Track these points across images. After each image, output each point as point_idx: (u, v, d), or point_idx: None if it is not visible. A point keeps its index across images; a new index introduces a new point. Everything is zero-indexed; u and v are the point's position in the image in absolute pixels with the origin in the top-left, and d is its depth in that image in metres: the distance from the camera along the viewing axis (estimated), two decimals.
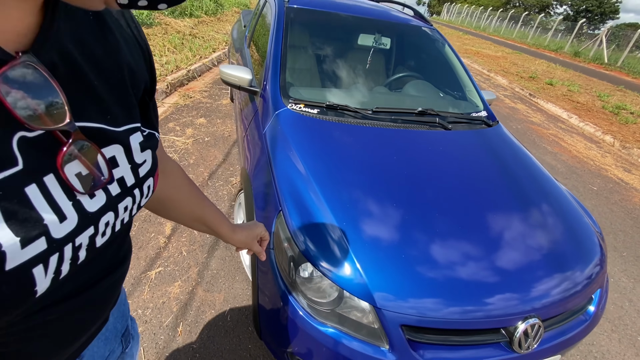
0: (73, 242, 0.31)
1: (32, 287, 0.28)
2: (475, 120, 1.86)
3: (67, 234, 0.30)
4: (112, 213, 0.36)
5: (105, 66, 0.34)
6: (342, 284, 1.01)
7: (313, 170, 1.27)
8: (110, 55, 0.35)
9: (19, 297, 0.28)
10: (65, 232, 0.30)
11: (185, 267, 1.77)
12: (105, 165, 0.33)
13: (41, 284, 0.29)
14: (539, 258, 1.19)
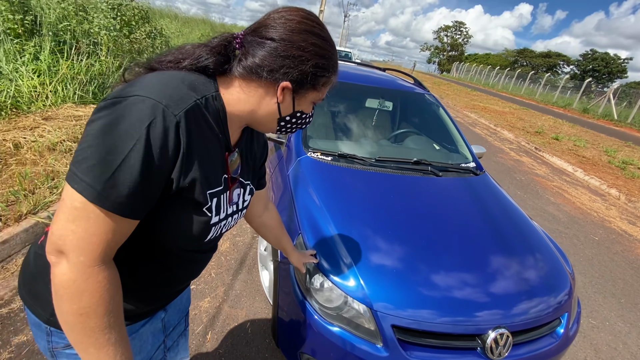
0: (221, 223, 0.70)
1: (207, 233, 0.66)
2: (463, 169, 2.21)
3: (221, 219, 0.69)
4: (232, 218, 0.75)
5: (254, 153, 0.80)
6: (347, 291, 1.30)
7: (326, 203, 1.62)
8: (254, 148, 0.81)
9: (204, 235, 0.66)
10: (221, 218, 0.69)
11: (214, 286, 2.06)
12: (240, 195, 0.76)
13: (210, 234, 0.68)
14: (510, 283, 1.45)
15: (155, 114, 0.50)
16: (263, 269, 2.11)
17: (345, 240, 1.45)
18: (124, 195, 0.49)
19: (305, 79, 0.63)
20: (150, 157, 0.50)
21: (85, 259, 0.50)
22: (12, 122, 3.41)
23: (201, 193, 0.60)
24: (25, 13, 4.33)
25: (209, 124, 0.59)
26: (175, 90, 0.54)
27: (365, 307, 1.28)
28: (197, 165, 0.57)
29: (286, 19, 0.62)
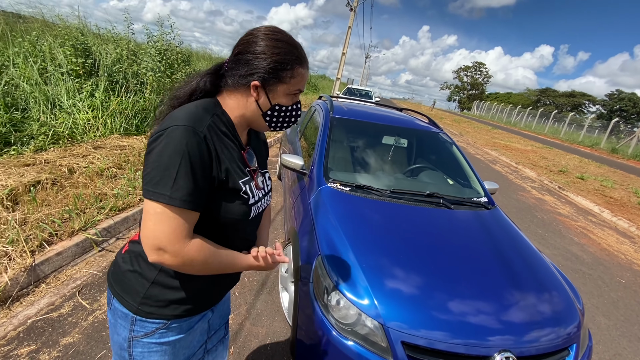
0: (257, 204, 0.91)
1: (249, 213, 0.88)
2: (475, 203, 2.33)
3: (256, 200, 0.90)
4: (264, 199, 0.96)
5: (261, 148, 1.03)
6: (361, 308, 1.43)
7: (344, 229, 1.79)
8: (260, 144, 1.03)
9: (248, 214, 0.87)
10: (256, 200, 0.90)
11: (237, 304, 2.21)
12: (264, 181, 0.98)
13: (252, 213, 0.89)
14: (517, 311, 1.53)
15: (189, 134, 0.71)
16: (283, 290, 2.25)
17: (361, 262, 1.60)
18: (186, 194, 0.70)
19: (269, 75, 0.79)
20: (195, 163, 0.71)
21: (179, 245, 0.71)
22: (68, 149, 3.87)
23: (236, 182, 0.81)
24: (87, 57, 5.01)
25: (224, 132, 0.81)
26: (196, 115, 0.75)
27: (378, 323, 1.40)
28: (226, 163, 0.79)
29: (248, 34, 0.81)
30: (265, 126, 0.88)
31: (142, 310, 0.83)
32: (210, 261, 0.77)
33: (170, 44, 6.36)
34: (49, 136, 3.86)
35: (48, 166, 3.40)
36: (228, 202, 0.81)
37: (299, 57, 0.82)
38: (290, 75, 0.81)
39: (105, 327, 1.87)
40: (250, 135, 0.96)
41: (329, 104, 3.06)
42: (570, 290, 1.80)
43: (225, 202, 0.81)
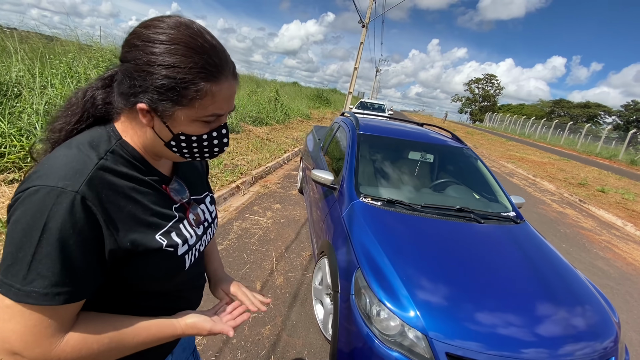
0: (194, 247, 0.71)
1: (183, 264, 0.67)
2: (504, 217, 2.37)
3: (193, 243, 0.70)
4: (207, 233, 0.79)
5: (196, 170, 0.83)
6: (404, 319, 1.49)
7: (381, 242, 1.86)
8: (194, 165, 0.83)
9: (181, 267, 0.67)
10: (192, 242, 0.70)
11: (272, 316, 2.28)
12: (204, 210, 0.79)
13: (187, 262, 0.69)
14: (554, 325, 1.57)
15: (54, 200, 0.49)
16: (317, 302, 2.31)
17: (401, 274, 1.66)
18: (49, 285, 0.49)
19: (159, 96, 0.54)
20: (65, 241, 0.49)
21: (41, 348, 0.50)
22: None
23: (150, 241, 0.60)
24: None
25: (125, 175, 0.58)
26: (70, 164, 0.52)
27: (421, 334, 1.46)
28: (129, 222, 0.57)
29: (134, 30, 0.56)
30: (177, 157, 0.65)
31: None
32: (108, 348, 0.56)
33: None
34: None
35: None
36: (147, 265, 0.61)
37: (207, 68, 0.55)
38: (194, 96, 0.55)
39: None
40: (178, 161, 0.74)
41: (355, 121, 3.17)
42: (605, 303, 1.82)
43: (145, 268, 0.61)
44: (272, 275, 2.75)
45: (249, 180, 4.85)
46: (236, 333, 2.07)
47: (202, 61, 0.54)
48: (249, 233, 3.41)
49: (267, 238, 3.37)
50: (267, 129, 9.14)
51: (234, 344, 1.99)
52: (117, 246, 0.55)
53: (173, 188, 0.70)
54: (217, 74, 0.56)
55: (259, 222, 3.69)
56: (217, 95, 0.57)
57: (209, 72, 0.55)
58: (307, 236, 3.57)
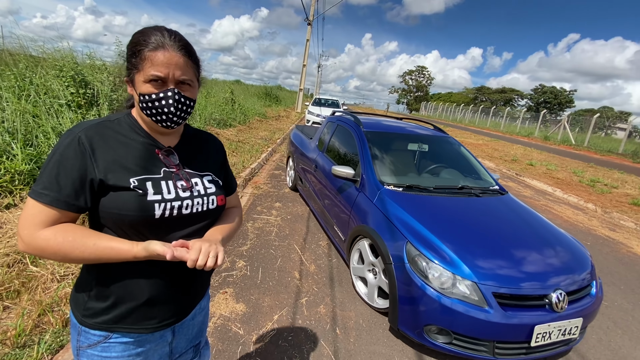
0: (170, 202, 0.83)
1: (150, 209, 0.80)
2: (492, 191, 2.95)
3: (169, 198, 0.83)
4: (192, 201, 0.88)
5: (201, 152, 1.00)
6: (456, 273, 1.92)
7: (416, 217, 2.27)
8: (202, 149, 1.01)
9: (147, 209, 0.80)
10: (168, 198, 0.83)
11: (321, 297, 2.58)
12: (198, 182, 0.92)
13: (157, 210, 0.81)
14: (558, 260, 2.13)
15: (64, 137, 0.78)
16: (357, 279, 2.66)
17: (442, 240, 2.09)
18: (42, 188, 0.74)
19: (128, 66, 0.82)
20: (59, 162, 0.75)
21: (27, 231, 0.74)
22: None
23: (124, 180, 0.79)
24: (86, 87, 4.99)
25: (120, 133, 0.83)
26: (88, 121, 0.82)
27: (471, 282, 1.90)
28: (110, 162, 0.79)
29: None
30: (152, 122, 0.84)
31: (84, 321, 0.85)
32: (67, 251, 0.74)
33: None
34: None
35: None
36: (115, 199, 0.79)
37: (144, 41, 0.79)
38: (139, 61, 0.79)
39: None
40: (186, 140, 0.97)
41: (356, 120, 3.54)
42: (580, 245, 2.45)
43: (113, 199, 0.79)
44: (304, 265, 3.02)
45: (241, 183, 4.96)
46: (299, 316, 2.33)
47: (146, 37, 0.79)
48: (265, 231, 3.61)
49: (284, 234, 3.61)
50: (233, 131, 9.09)
51: (301, 324, 2.25)
52: (95, 176, 0.77)
53: (164, 154, 0.88)
54: (154, 44, 0.78)
55: (269, 221, 3.90)
56: (153, 60, 0.78)
57: (148, 43, 0.78)
58: (317, 228, 3.88)
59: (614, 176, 10.08)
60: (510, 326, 1.84)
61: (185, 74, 0.82)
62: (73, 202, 0.76)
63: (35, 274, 2.18)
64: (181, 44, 0.82)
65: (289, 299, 2.51)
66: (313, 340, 2.14)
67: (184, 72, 0.82)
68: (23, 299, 1.98)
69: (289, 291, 2.61)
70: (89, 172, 0.77)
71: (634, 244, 4.95)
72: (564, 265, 2.13)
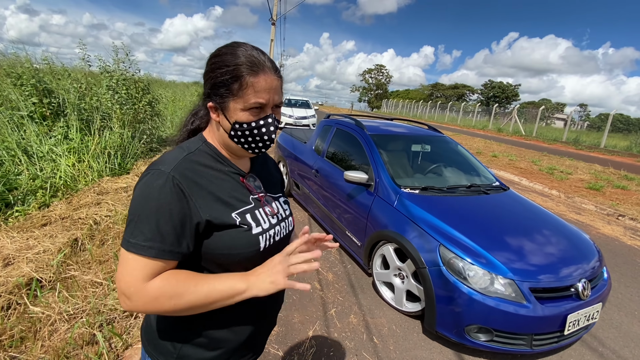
0: (268, 232, 0.82)
1: (257, 243, 0.78)
2: (496, 187, 3.10)
3: (266, 228, 0.81)
4: (281, 226, 0.88)
5: (270, 173, 0.97)
6: (493, 272, 1.98)
7: (442, 219, 2.31)
8: (268, 169, 0.98)
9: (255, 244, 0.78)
10: (266, 227, 0.81)
11: (348, 306, 2.54)
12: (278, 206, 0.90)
13: (262, 243, 0.79)
14: (577, 252, 2.28)
15: (154, 177, 0.69)
16: (382, 284, 2.66)
17: (473, 240, 2.15)
18: (144, 239, 0.66)
19: (216, 92, 0.74)
20: (158, 208, 0.66)
21: (134, 287, 0.66)
22: (73, 201, 3.53)
23: (225, 215, 0.74)
24: (50, 96, 4.49)
25: (208, 165, 0.77)
26: (170, 156, 0.73)
27: (508, 279, 1.97)
28: (210, 199, 0.73)
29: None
30: (241, 150, 0.80)
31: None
32: (182, 292, 0.68)
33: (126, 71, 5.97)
34: (47, 189, 3.46)
35: (68, 222, 3.12)
36: (225, 238, 0.74)
37: (247, 65, 0.72)
38: (240, 87, 0.71)
39: None
40: (256, 162, 0.92)
41: (358, 124, 3.53)
42: (584, 234, 2.65)
43: (222, 239, 0.74)
44: (321, 274, 2.96)
45: None
46: (332, 329, 2.28)
47: (244, 60, 0.72)
48: None
49: None
50: None
51: (337, 337, 2.20)
52: (200, 217, 0.70)
53: (250, 181, 0.85)
54: (255, 68, 0.72)
55: None
56: (256, 86, 0.72)
57: (249, 67, 0.71)
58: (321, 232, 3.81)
59: (566, 163, 11.09)
60: (547, 318, 1.94)
61: (280, 97, 0.78)
62: (177, 250, 0.69)
63: (38, 316, 1.92)
64: (273, 64, 0.77)
65: (317, 312, 2.44)
66: (355, 352, 2.10)
67: (280, 95, 0.78)
68: (33, 346, 1.73)
69: (315, 303, 2.54)
70: (193, 215, 0.70)
71: (599, 225, 5.48)
72: (582, 254, 2.28)
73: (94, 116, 4.91)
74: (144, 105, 6.10)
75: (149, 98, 6.26)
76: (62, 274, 2.31)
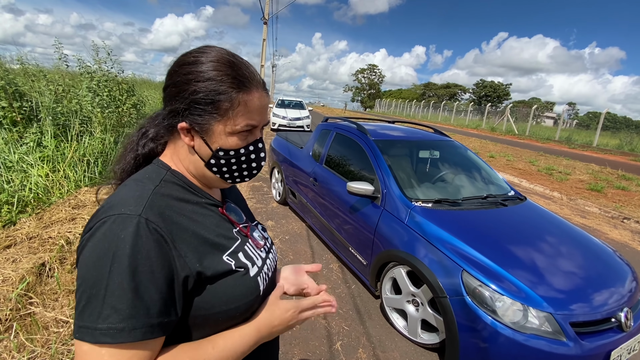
0: (263, 270, 0.67)
1: (258, 287, 0.64)
2: (512, 197, 2.83)
3: (260, 265, 0.67)
4: (270, 258, 0.74)
5: (239, 198, 0.82)
6: (528, 304, 1.70)
7: (463, 240, 2.03)
8: (236, 193, 0.82)
9: (256, 289, 0.63)
10: (260, 264, 0.67)
11: (355, 337, 2.25)
12: (261, 235, 0.76)
13: (261, 286, 0.65)
14: (616, 277, 2.01)
15: (120, 225, 0.48)
16: (392, 311, 2.37)
17: (502, 265, 1.87)
18: (123, 319, 0.46)
19: (195, 111, 0.57)
20: (135, 268, 0.47)
21: None
22: (44, 217, 3.17)
23: (220, 262, 0.58)
24: (22, 99, 4.10)
25: (181, 199, 0.59)
26: (130, 193, 0.54)
27: (546, 313, 1.69)
28: (196, 243, 0.56)
29: (174, 62, 0.61)
30: (219, 180, 0.65)
31: None
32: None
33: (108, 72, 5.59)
34: (14, 205, 3.09)
35: (36, 242, 2.76)
36: (220, 290, 0.58)
37: (238, 79, 0.58)
38: (228, 107, 0.57)
39: None
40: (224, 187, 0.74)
41: (360, 128, 3.24)
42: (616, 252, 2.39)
43: (216, 292, 0.57)
44: None
45: None
46: None
47: (234, 73, 0.58)
48: None
49: (288, 260, 3.21)
50: None
51: None
52: (189, 270, 0.53)
53: (228, 210, 0.70)
54: (248, 84, 0.59)
55: None
56: (249, 105, 0.59)
57: (240, 82, 0.58)
58: (320, 247, 3.52)
59: (563, 163, 10.97)
60: (590, 358, 1.67)
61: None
62: (167, 319, 0.51)
63: None
64: (260, 76, 0.63)
65: (321, 346, 2.14)
66: None
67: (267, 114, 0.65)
68: None
69: (318, 335, 2.24)
70: (179, 269, 0.52)
71: (606, 230, 5.28)
72: (618, 276, 2.03)
73: (72, 120, 4.54)
74: (129, 108, 5.72)
75: (134, 100, 5.88)
76: (20, 311, 1.97)
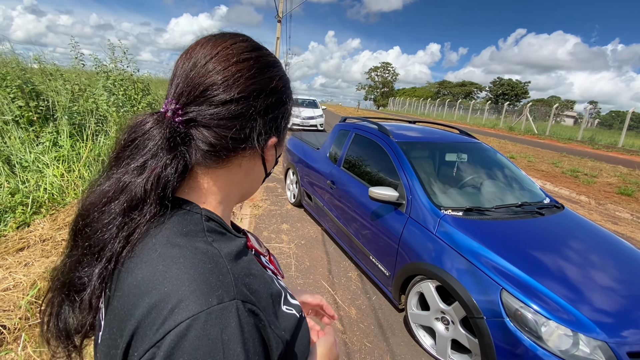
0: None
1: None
2: (549, 205, 2.61)
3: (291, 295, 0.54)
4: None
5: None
6: (579, 331, 1.51)
7: (502, 255, 1.84)
8: None
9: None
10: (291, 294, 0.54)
11: (379, 356, 2.09)
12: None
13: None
14: None
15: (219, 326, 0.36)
16: (419, 328, 2.20)
17: (547, 285, 1.68)
18: None
19: (283, 120, 0.53)
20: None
21: None
22: (58, 218, 3.12)
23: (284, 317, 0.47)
24: (38, 99, 4.10)
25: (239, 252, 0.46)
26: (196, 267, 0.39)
27: (600, 341, 1.50)
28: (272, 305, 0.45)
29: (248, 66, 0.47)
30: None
31: None
32: None
33: (124, 71, 5.57)
34: (29, 206, 3.05)
35: (49, 245, 2.71)
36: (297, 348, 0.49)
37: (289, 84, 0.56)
38: (290, 114, 0.55)
39: None
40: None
41: (381, 129, 3.07)
42: None
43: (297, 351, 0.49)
44: (342, 309, 2.51)
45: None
46: None
47: (286, 77, 0.54)
48: (284, 265, 3.05)
49: (304, 267, 3.07)
50: None
51: None
52: (281, 344, 0.43)
53: (254, 242, 0.57)
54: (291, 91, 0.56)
55: (283, 250, 3.33)
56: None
57: (289, 87, 0.55)
58: (338, 253, 3.37)
59: (588, 164, 10.49)
60: None
61: None
62: None
63: None
64: None
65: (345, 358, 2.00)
66: None
67: None
68: None
69: (339, 352, 2.09)
70: (274, 346, 0.42)
71: None
72: None
73: (87, 120, 4.52)
74: (144, 107, 5.69)
75: (149, 99, 5.85)
76: (30, 320, 1.89)
